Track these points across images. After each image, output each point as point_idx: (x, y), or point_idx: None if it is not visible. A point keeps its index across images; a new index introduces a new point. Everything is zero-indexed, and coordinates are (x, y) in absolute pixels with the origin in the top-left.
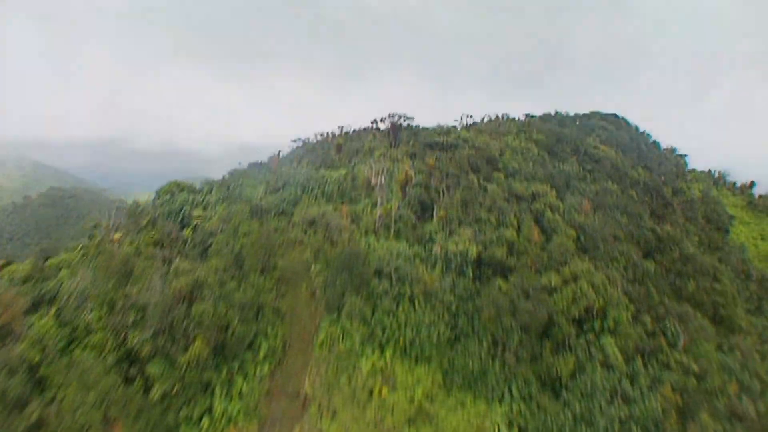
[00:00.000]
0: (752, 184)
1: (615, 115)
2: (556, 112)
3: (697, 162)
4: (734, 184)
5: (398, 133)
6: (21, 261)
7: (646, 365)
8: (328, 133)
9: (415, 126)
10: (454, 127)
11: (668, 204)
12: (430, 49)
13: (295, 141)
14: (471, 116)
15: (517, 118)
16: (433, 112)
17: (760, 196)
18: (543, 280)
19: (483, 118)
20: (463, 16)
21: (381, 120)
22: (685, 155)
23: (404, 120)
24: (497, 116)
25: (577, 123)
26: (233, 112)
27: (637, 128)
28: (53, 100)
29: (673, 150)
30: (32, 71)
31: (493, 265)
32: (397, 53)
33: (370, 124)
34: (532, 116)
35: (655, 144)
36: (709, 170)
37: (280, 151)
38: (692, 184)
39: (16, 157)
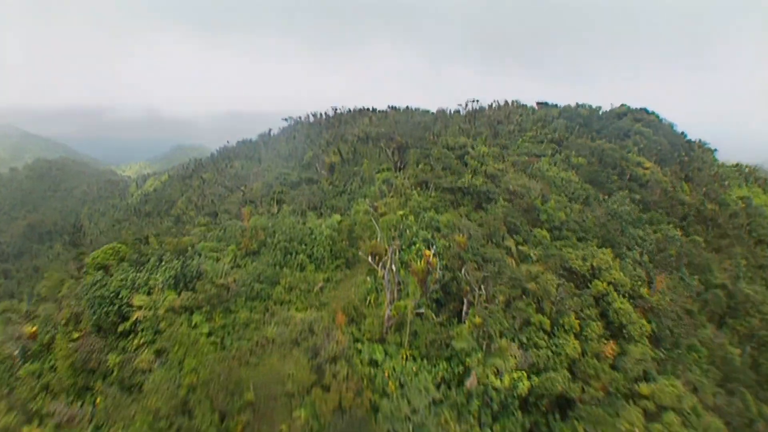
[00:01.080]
0: None
1: (645, 110)
2: (578, 105)
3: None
4: (766, 180)
5: (404, 153)
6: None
7: None
8: (320, 114)
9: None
10: (457, 111)
11: (725, 234)
12: (426, 20)
13: (286, 119)
14: (477, 101)
15: (528, 106)
16: (431, 89)
17: None
18: (623, 425)
19: (491, 104)
20: None
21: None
22: (715, 149)
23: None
24: (506, 102)
25: (604, 120)
26: (222, 80)
27: (670, 125)
28: (38, 68)
29: (702, 144)
30: (16, 39)
31: (550, 398)
32: (393, 26)
33: (365, 106)
34: (546, 104)
35: (689, 142)
36: (737, 164)
37: (270, 129)
38: (730, 190)
39: (2, 125)
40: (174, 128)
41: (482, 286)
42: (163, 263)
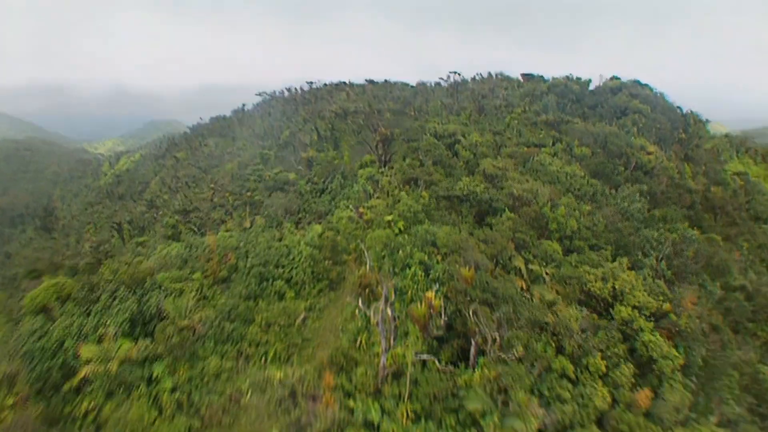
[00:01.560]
0: None
1: (638, 83)
2: (568, 79)
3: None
4: (756, 150)
5: (389, 145)
6: None
7: None
8: (295, 89)
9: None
10: (438, 83)
11: (734, 222)
12: None
13: (259, 95)
14: (459, 74)
15: (513, 78)
16: (408, 60)
17: None
18: None
19: (474, 77)
20: None
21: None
22: (707, 120)
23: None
24: (490, 75)
25: (598, 96)
26: (193, 53)
27: (662, 95)
28: None
29: (696, 116)
30: None
31: None
32: None
33: (342, 80)
34: (532, 76)
35: (684, 116)
36: (727, 134)
37: (244, 105)
38: (728, 166)
39: None
40: (145, 103)
41: (496, 330)
42: (116, 301)
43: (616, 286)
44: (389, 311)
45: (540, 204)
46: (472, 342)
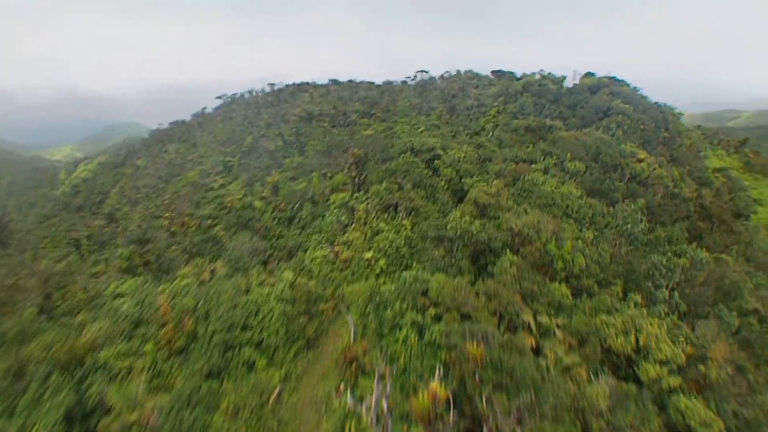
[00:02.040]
0: (745, 140)
1: (615, 79)
2: (541, 75)
3: None
4: (728, 142)
5: (363, 166)
6: None
7: None
8: (257, 92)
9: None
10: (404, 82)
11: (732, 231)
12: None
13: (220, 97)
14: (426, 72)
15: (483, 75)
16: (372, 56)
17: (755, 153)
18: None
19: (443, 75)
20: None
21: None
22: (681, 113)
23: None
24: (459, 72)
25: (576, 95)
26: (151, 52)
27: (636, 89)
28: None
29: (672, 109)
30: None
31: None
32: None
33: (306, 80)
34: (502, 72)
35: (661, 111)
36: (699, 126)
37: (205, 108)
38: (707, 162)
39: None
40: (103, 106)
41: (516, 423)
42: (48, 392)
43: (640, 340)
44: (384, 404)
45: (543, 240)
46: (484, 427)
